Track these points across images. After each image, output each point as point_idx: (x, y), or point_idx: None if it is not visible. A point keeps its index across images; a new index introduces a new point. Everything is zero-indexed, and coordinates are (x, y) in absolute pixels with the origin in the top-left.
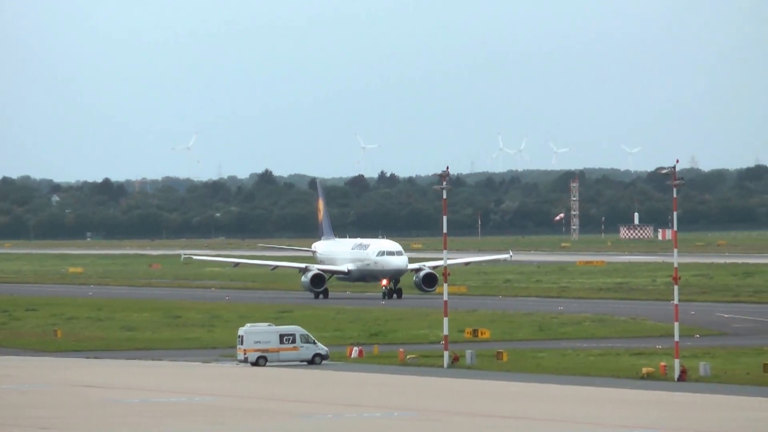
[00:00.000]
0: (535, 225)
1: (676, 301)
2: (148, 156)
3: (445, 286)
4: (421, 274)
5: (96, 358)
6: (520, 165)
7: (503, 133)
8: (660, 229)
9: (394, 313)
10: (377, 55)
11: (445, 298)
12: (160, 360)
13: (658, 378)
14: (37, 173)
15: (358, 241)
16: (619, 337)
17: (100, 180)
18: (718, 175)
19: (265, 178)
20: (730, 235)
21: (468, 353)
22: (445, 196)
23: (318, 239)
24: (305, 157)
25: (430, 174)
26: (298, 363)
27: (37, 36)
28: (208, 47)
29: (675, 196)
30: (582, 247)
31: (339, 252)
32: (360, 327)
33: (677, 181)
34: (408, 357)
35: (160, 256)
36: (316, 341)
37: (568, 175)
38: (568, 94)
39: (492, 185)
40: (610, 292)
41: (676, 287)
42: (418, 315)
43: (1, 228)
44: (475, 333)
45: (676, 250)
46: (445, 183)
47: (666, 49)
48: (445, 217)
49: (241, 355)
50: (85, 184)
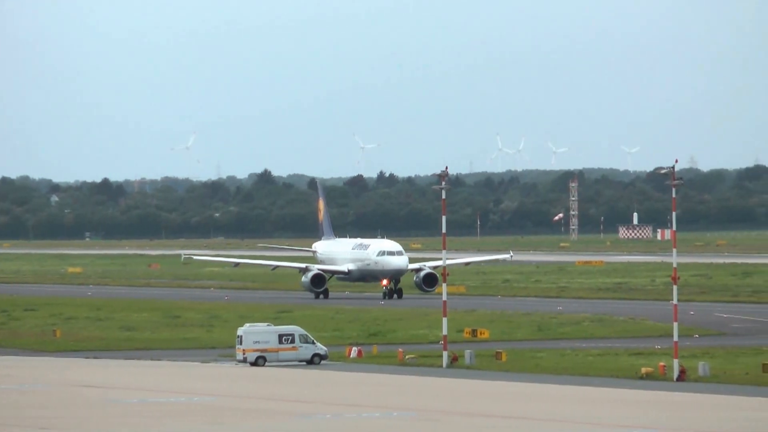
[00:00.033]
0: (534, 225)
1: (675, 301)
2: (147, 156)
3: (444, 286)
4: (422, 274)
5: (95, 358)
6: (519, 165)
7: (502, 133)
8: (659, 229)
9: (393, 313)
10: (377, 55)
11: (444, 298)
12: (159, 360)
13: (657, 378)
14: (36, 173)
15: (359, 241)
16: (618, 337)
17: (99, 180)
18: (718, 175)
19: (264, 178)
20: (729, 235)
21: (467, 353)
22: (444, 196)
23: (318, 239)
24: (304, 157)
25: (430, 174)
26: (297, 363)
27: (37, 36)
28: (208, 47)
29: (674, 196)
30: (581, 247)
31: (339, 252)
32: (359, 327)
33: (676, 181)
34: (407, 357)
35: (159, 256)
36: (315, 341)
37: (567, 175)
38: (567, 94)
39: (491, 185)
40: (609, 292)
41: (675, 287)
42: (417, 315)
43: (0, 228)
44: (474, 333)
45: (675, 250)
46: (444, 183)
47: (665, 49)
48: (444, 217)
49: (240, 355)
50: (84, 184)
